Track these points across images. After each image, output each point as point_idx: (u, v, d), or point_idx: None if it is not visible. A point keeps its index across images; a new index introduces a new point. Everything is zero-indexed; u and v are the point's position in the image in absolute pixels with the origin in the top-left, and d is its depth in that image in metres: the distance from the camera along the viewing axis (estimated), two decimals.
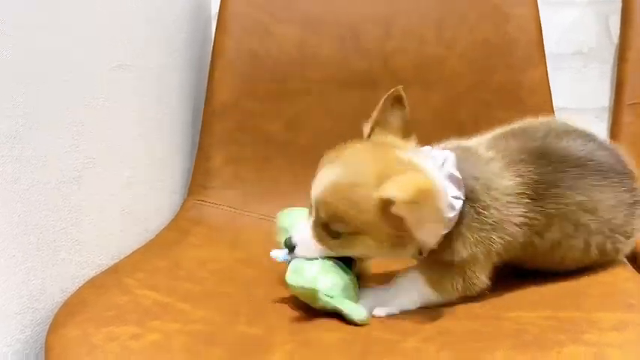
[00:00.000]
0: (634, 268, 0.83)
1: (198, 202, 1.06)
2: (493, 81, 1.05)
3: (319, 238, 0.64)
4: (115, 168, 0.84)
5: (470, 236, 0.64)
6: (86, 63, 0.76)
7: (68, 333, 0.61)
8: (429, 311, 0.66)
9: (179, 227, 0.99)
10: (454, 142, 0.73)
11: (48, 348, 0.60)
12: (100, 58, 0.80)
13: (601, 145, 0.75)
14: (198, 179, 1.09)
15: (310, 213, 0.66)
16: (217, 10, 1.13)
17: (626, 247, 0.73)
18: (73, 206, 0.73)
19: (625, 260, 0.76)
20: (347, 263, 0.67)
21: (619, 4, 1.11)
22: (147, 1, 0.93)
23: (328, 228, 0.63)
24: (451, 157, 0.67)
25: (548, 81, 1.05)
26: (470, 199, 0.64)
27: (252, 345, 0.57)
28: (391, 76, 1.07)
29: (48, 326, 0.63)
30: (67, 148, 0.72)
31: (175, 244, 0.89)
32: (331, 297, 0.62)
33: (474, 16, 1.06)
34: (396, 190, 0.57)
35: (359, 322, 0.62)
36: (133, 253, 0.85)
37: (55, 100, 0.70)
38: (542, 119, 0.80)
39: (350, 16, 1.09)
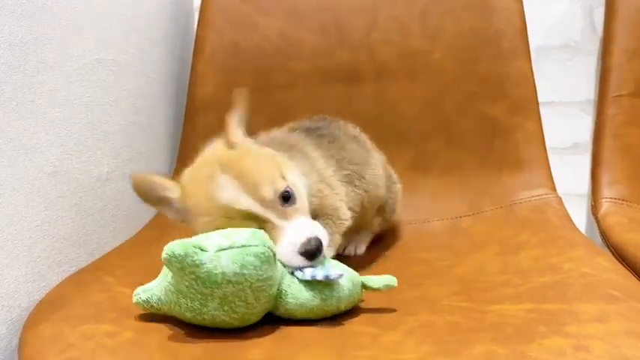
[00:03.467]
0: (616, 258, 0.83)
1: None
2: (478, 72, 1.04)
3: (298, 213, 0.63)
4: (94, 163, 0.82)
5: None
6: (63, 57, 0.75)
7: (43, 331, 0.59)
8: (410, 305, 0.66)
9: (161, 224, 0.97)
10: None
11: (22, 346, 0.58)
12: (78, 51, 0.78)
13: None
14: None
15: (264, 220, 0.61)
16: (199, 3, 1.12)
17: None
18: (49, 202, 0.72)
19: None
20: None
21: None
22: None
23: (282, 196, 0.62)
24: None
25: (532, 73, 1.05)
26: None
27: (229, 341, 0.56)
28: (376, 68, 1.06)
29: (23, 325, 0.62)
30: (43, 143, 0.71)
31: (157, 242, 0.86)
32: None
33: (459, 6, 1.06)
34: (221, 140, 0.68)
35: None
36: (112, 250, 0.84)
37: (30, 94, 0.68)
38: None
39: (334, 7, 1.08)
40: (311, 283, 0.60)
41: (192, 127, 1.08)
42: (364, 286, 0.64)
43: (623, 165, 1.05)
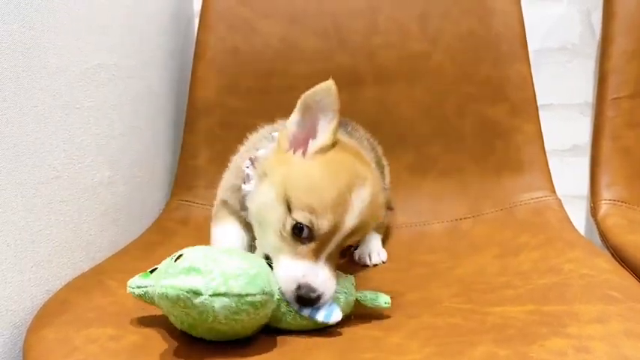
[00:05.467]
0: (615, 259, 0.84)
1: (183, 202, 1.05)
2: (478, 75, 1.05)
3: (335, 267, 0.62)
4: (96, 167, 0.82)
5: None
6: (66, 62, 0.75)
7: (47, 335, 0.60)
8: (412, 308, 0.66)
9: (163, 228, 0.98)
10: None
11: (27, 350, 0.59)
12: (80, 56, 0.79)
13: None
14: (182, 179, 1.08)
15: (319, 249, 0.60)
16: (200, 8, 1.12)
17: None
18: (52, 207, 0.72)
19: None
20: None
21: (601, 0, 1.12)
22: None
23: (347, 249, 0.62)
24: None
25: (531, 76, 1.05)
26: None
27: (233, 344, 0.57)
28: (376, 71, 1.07)
29: (26, 329, 0.62)
30: (46, 148, 0.71)
31: (158, 245, 0.89)
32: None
33: (458, 10, 1.06)
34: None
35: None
36: (115, 254, 0.84)
37: (33, 99, 0.69)
38: None
39: (334, 11, 1.09)
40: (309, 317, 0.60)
41: (194, 132, 1.08)
42: (357, 301, 0.64)
43: (621, 167, 1.06)
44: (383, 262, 0.87)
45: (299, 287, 0.58)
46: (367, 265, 0.86)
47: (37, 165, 0.69)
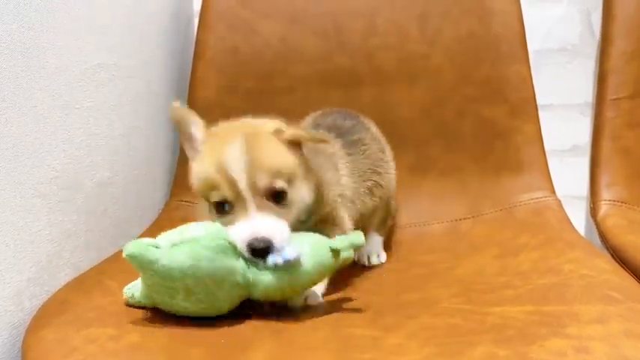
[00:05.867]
0: (615, 260, 0.84)
1: (183, 202, 1.05)
2: (477, 76, 1.05)
3: (274, 213, 0.64)
4: (95, 167, 0.83)
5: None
6: (65, 62, 0.75)
7: (46, 335, 0.60)
8: (411, 307, 0.66)
9: (162, 228, 0.96)
10: None
11: (25, 350, 0.59)
12: (79, 56, 0.79)
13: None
14: (182, 179, 1.08)
15: (242, 208, 0.63)
16: (199, 7, 1.12)
17: None
18: (51, 207, 0.72)
19: None
20: None
21: (600, 1, 1.12)
22: None
23: (272, 193, 0.64)
24: None
25: (531, 76, 1.05)
26: None
27: (232, 345, 0.57)
28: (375, 72, 1.07)
29: (25, 329, 0.62)
30: (46, 148, 0.71)
31: None
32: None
33: (457, 11, 1.06)
34: (275, 124, 0.68)
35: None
36: (114, 254, 0.84)
37: (32, 99, 0.69)
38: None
39: (334, 12, 1.09)
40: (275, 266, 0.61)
41: None
42: (334, 251, 0.63)
43: (621, 167, 1.06)
44: (382, 264, 0.87)
45: (249, 244, 0.61)
46: (366, 266, 0.86)
47: (36, 165, 0.69)
